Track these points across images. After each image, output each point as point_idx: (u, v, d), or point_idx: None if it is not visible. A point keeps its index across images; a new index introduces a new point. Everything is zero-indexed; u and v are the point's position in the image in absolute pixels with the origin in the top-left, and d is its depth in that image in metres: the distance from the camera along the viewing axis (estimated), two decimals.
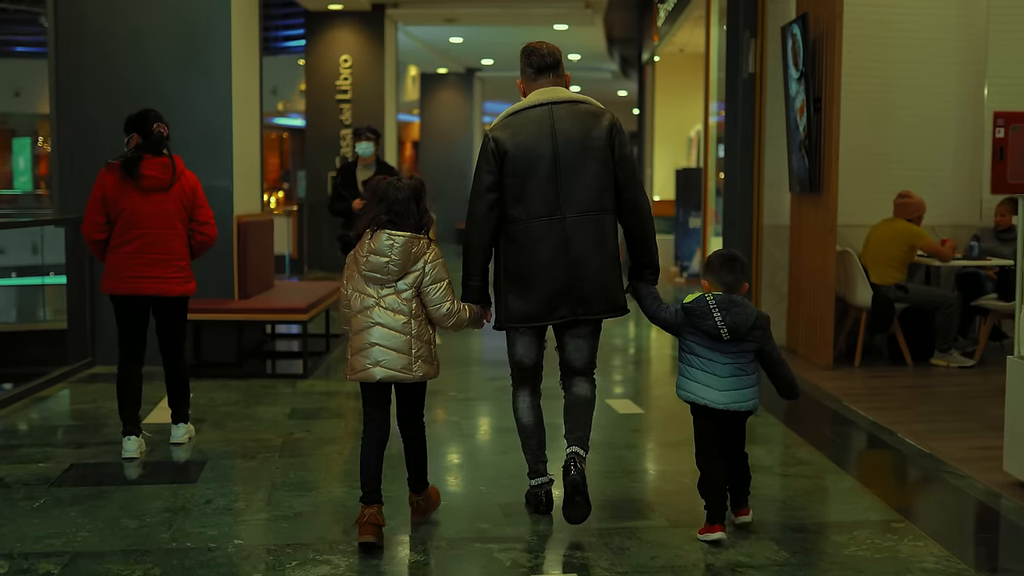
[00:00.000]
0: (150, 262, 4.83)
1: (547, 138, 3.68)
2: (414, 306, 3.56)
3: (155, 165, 4.88)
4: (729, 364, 3.67)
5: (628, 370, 7.39)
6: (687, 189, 13.77)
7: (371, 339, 3.53)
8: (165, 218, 4.87)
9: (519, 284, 3.71)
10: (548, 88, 3.79)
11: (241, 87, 7.29)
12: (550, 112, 3.71)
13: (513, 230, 3.71)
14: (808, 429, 5.47)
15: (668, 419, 5.68)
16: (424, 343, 3.58)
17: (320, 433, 5.25)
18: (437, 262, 3.59)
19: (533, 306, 3.70)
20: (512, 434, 4.89)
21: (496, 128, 3.75)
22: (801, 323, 7.56)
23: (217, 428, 5.36)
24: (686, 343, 3.74)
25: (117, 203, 4.81)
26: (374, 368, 3.54)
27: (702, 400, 3.69)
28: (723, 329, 3.61)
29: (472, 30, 16.46)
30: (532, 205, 3.68)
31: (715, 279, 3.72)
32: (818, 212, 7.21)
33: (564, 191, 3.67)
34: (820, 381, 6.67)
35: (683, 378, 3.76)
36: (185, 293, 4.98)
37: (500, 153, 3.68)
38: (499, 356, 7.49)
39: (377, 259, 3.53)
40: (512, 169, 3.68)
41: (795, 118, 7.35)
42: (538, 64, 3.81)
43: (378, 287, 3.56)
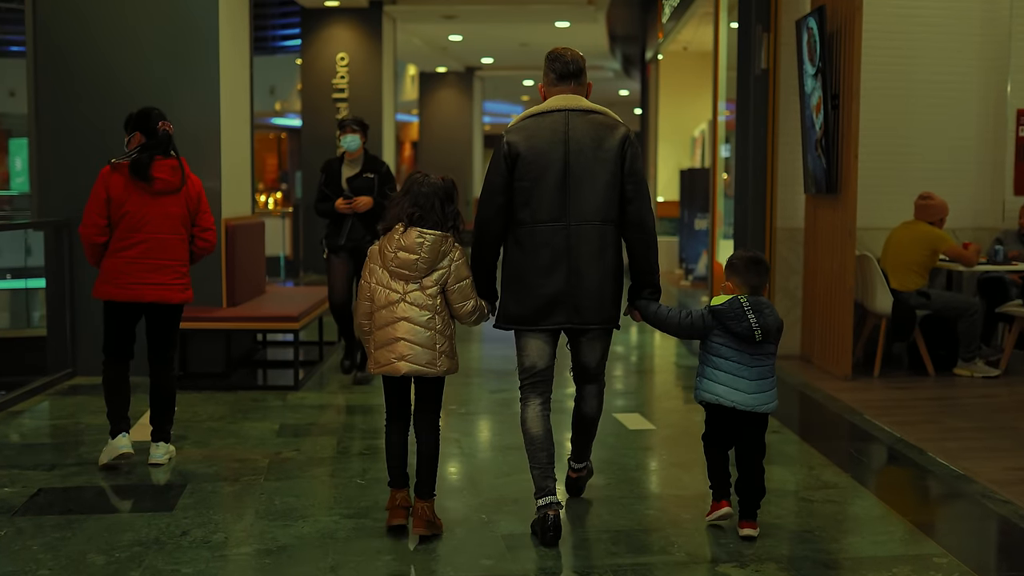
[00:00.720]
0: (152, 268, 4.61)
1: (560, 144, 3.70)
2: (438, 302, 3.63)
3: (165, 167, 4.64)
4: (757, 366, 3.69)
5: (633, 380, 7.05)
6: (692, 190, 13.44)
7: (397, 334, 3.59)
8: (171, 222, 4.66)
9: (518, 287, 3.74)
10: (567, 95, 3.80)
11: (230, 85, 6.94)
12: (566, 119, 3.73)
13: (519, 233, 3.74)
14: (830, 447, 5.13)
15: (681, 435, 5.34)
16: (447, 338, 3.65)
17: (309, 452, 4.91)
18: (460, 261, 3.66)
19: (529, 310, 3.72)
20: (515, 453, 4.69)
21: (511, 130, 3.77)
22: (817, 331, 7.22)
23: (200, 446, 5.01)
24: (712, 345, 3.72)
25: (123, 205, 4.57)
26: (399, 362, 3.59)
27: (729, 402, 3.67)
28: (757, 331, 3.63)
29: (471, 27, 16.11)
30: (539, 210, 3.69)
31: (742, 281, 3.73)
32: (835, 214, 6.87)
33: (571, 199, 3.69)
34: (838, 392, 6.33)
35: (707, 380, 3.73)
36: (185, 300, 4.77)
37: (512, 155, 3.70)
38: (500, 366, 7.32)
39: (407, 256, 3.59)
40: (523, 172, 3.70)
41: (811, 116, 7.01)
42: (560, 71, 3.83)
43: (404, 282, 3.61)
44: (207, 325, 6.39)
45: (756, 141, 7.62)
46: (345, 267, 6.45)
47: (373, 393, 6.30)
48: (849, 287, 6.68)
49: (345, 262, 6.45)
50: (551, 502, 3.66)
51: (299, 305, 6.74)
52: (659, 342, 8.84)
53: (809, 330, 7.38)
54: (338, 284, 6.47)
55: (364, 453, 4.93)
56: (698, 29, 13.55)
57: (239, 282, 6.86)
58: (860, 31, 6.48)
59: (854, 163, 6.58)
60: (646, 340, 8.85)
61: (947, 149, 7.53)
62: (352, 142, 6.44)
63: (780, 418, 5.70)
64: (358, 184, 6.39)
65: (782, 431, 5.35)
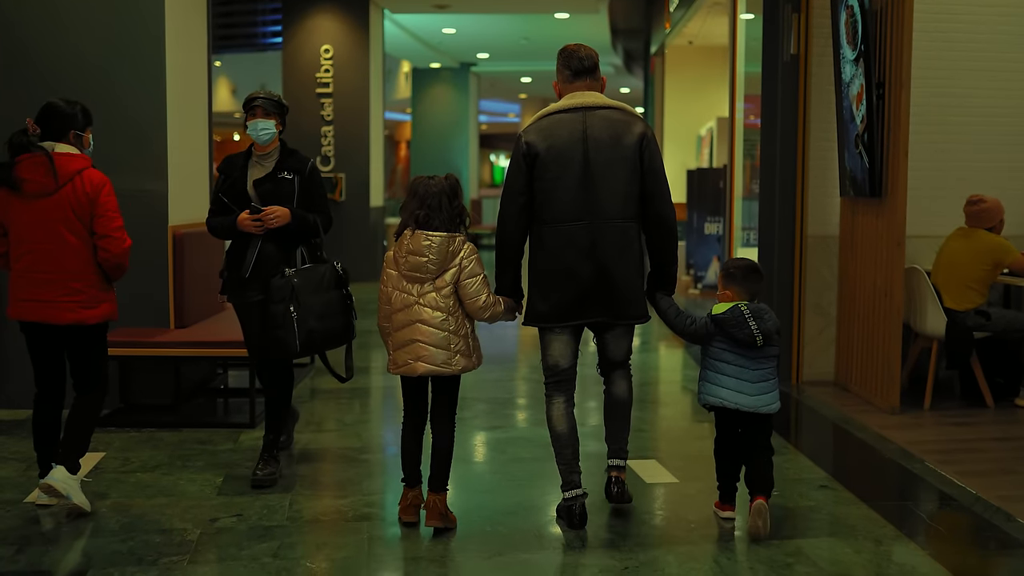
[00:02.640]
0: (38, 282, 3.99)
1: (579, 143, 3.72)
2: (452, 303, 3.70)
3: (33, 166, 3.95)
4: (759, 369, 3.80)
5: (642, 413, 6.11)
6: (701, 191, 12.51)
7: (413, 336, 3.69)
8: (52, 230, 3.97)
9: (544, 285, 3.79)
10: (583, 92, 3.82)
11: (181, 78, 6.01)
12: (583, 117, 3.76)
13: (542, 232, 3.79)
14: (895, 510, 4.18)
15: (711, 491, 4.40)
16: (462, 338, 3.72)
17: (254, 518, 3.97)
18: (472, 258, 3.71)
19: (557, 308, 3.78)
20: (523, 464, 4.77)
21: (529, 130, 3.79)
22: (856, 355, 6.29)
23: (119, 510, 4.07)
24: (714, 351, 3.85)
25: (7, 213, 4.01)
26: (416, 363, 3.71)
27: (732, 404, 3.79)
28: (758, 336, 3.75)
29: (465, 20, 15.18)
30: (560, 208, 3.74)
31: (742, 289, 3.87)
32: (880, 221, 5.94)
33: (592, 196, 3.72)
34: (887, 430, 5.40)
35: (711, 384, 3.85)
36: (81, 321, 4.01)
37: (531, 156, 3.74)
38: (494, 394, 6.38)
39: (416, 259, 3.68)
40: (543, 172, 3.73)
41: (850, 107, 6.08)
42: (576, 67, 3.85)
43: (418, 285, 3.71)
44: (147, 352, 5.46)
45: (784, 137, 6.69)
46: (257, 312, 4.50)
47: (339, 434, 5.37)
48: (897, 306, 5.75)
49: (257, 306, 4.50)
50: (577, 494, 3.82)
51: None
52: (664, 362, 7.92)
53: (846, 354, 6.46)
54: (253, 335, 4.59)
55: (322, 519, 4.00)
56: (706, 21, 12.65)
57: (190, 299, 5.93)
58: (912, 6, 5.56)
59: (903, 161, 5.65)
60: (650, 360, 7.93)
61: (1002, 146, 6.61)
62: (263, 131, 4.51)
63: (828, 467, 4.78)
64: (269, 189, 4.48)
65: (832, 486, 4.42)
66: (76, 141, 4.10)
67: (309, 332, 4.32)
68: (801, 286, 6.69)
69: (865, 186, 5.97)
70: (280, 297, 4.29)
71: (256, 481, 4.38)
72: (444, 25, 15.63)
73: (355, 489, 4.41)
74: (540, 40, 17.21)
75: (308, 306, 4.32)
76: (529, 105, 28.70)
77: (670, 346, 8.45)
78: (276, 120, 4.56)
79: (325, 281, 4.42)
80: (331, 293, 4.44)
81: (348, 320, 4.49)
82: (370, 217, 13.32)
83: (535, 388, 6.60)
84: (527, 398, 6.40)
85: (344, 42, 13.17)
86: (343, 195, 13.22)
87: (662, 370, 7.68)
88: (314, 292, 4.37)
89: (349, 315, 4.49)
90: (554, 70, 3.97)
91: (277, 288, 4.29)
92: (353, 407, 5.98)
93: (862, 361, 6.20)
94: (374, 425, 5.70)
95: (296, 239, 4.54)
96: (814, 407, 6.07)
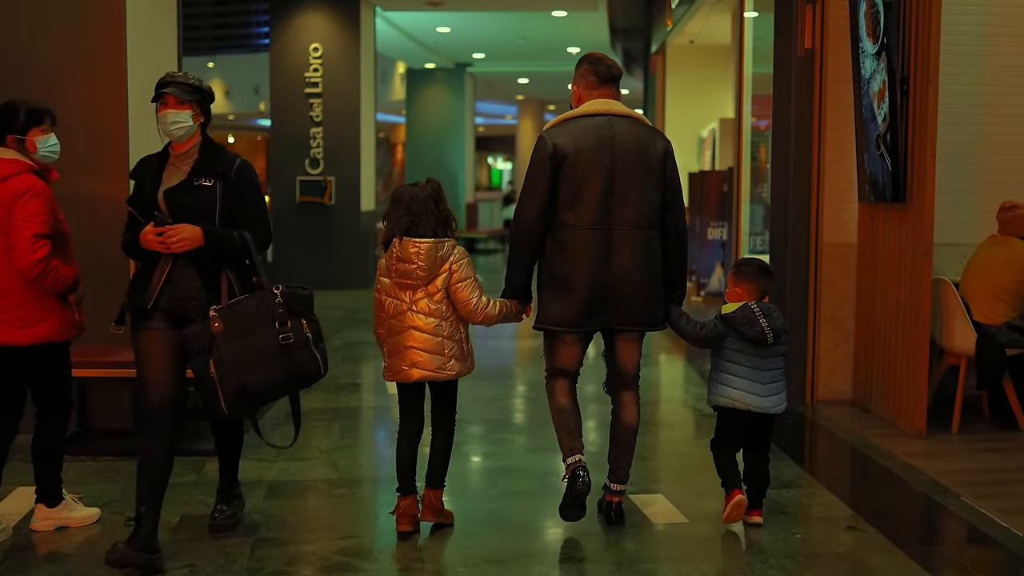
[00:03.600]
0: None
1: (607, 149, 3.72)
2: (444, 308, 3.68)
3: None
4: (770, 369, 3.84)
5: (644, 437, 5.64)
6: (704, 195, 12.05)
7: (407, 342, 3.65)
8: None
9: (560, 289, 3.76)
10: (608, 100, 3.82)
11: (145, 64, 5.54)
12: (610, 124, 3.75)
13: (562, 236, 3.75)
14: (934, 557, 3.72)
15: (726, 535, 3.93)
16: (456, 343, 3.69)
17: (209, 570, 3.49)
18: (462, 261, 3.67)
19: (571, 312, 3.74)
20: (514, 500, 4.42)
21: (555, 133, 3.77)
22: (876, 373, 5.82)
23: (56, 560, 3.60)
24: (726, 352, 3.85)
25: None
26: (411, 369, 3.67)
27: (744, 405, 3.81)
28: (769, 333, 3.77)
29: (460, 18, 14.72)
30: (583, 213, 3.72)
31: (754, 287, 3.89)
32: (904, 228, 5.48)
33: (616, 204, 3.72)
34: (915, 458, 4.93)
35: (722, 385, 3.86)
36: (10, 343, 3.64)
37: (559, 158, 3.71)
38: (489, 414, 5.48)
39: (405, 266, 3.64)
40: (568, 175, 3.71)
41: (870, 105, 5.62)
42: (604, 74, 3.85)
43: (410, 291, 3.68)
44: (105, 372, 4.98)
45: (798, 138, 6.22)
46: (164, 343, 3.55)
47: (315, 463, 4.89)
48: (924, 321, 5.28)
49: (165, 335, 3.55)
50: (579, 460, 3.76)
51: None
52: (666, 377, 7.46)
53: (865, 371, 5.99)
54: (155, 373, 3.55)
55: (287, 571, 3.52)
56: (708, 19, 12.19)
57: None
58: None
59: (931, 163, 5.19)
60: (650, 374, 7.46)
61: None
62: (174, 125, 3.60)
63: (852, 502, 4.31)
64: (183, 201, 3.58)
65: (861, 527, 3.95)
66: (17, 145, 3.69)
67: (240, 390, 3.41)
68: (816, 298, 6.22)
69: (887, 190, 5.51)
70: (198, 348, 3.49)
71: (214, 526, 3.86)
72: (438, 24, 15.17)
73: (328, 531, 3.94)
74: (538, 40, 16.75)
75: (235, 355, 3.39)
76: (526, 107, 28.22)
77: (672, 359, 7.99)
78: (193, 109, 3.61)
79: (259, 316, 3.44)
80: (267, 331, 3.44)
81: (294, 363, 3.47)
82: (361, 221, 12.85)
83: (533, 408, 6.13)
84: (524, 419, 5.93)
85: (334, 41, 12.71)
86: (332, 199, 12.76)
87: (664, 386, 7.22)
88: (244, 334, 3.41)
89: (293, 357, 3.46)
90: (552, 72, 4.31)
91: (192, 337, 3.53)
92: (332, 430, 5.50)
93: (884, 380, 5.73)
94: (355, 452, 5.21)
95: (221, 261, 3.59)
96: (832, 430, 5.60)
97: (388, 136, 32.22)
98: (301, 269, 12.80)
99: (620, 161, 3.70)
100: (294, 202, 12.78)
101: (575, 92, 3.89)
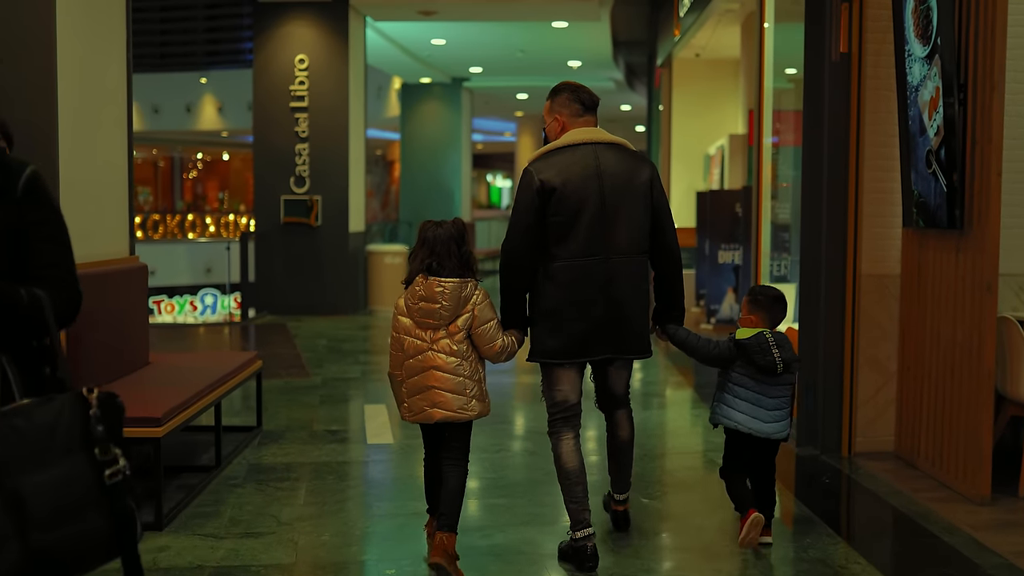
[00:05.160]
0: None
1: (593, 179, 3.73)
2: (465, 347, 3.66)
3: None
4: (775, 397, 3.92)
5: (662, 510, 4.87)
6: (715, 216, 11.31)
7: (428, 382, 3.64)
8: None
9: (556, 321, 3.75)
10: (591, 128, 3.85)
11: (76, 74, 4.82)
12: (595, 152, 3.77)
13: (554, 268, 3.75)
14: None
15: None
16: (476, 382, 3.69)
17: None
18: (484, 303, 3.69)
19: (571, 343, 3.74)
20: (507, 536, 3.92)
21: (540, 167, 3.75)
22: (926, 423, 5.06)
23: None
24: (734, 375, 3.93)
25: None
26: (432, 409, 3.65)
27: (747, 429, 3.91)
28: (780, 364, 3.84)
29: (455, 29, 14.02)
30: (576, 244, 3.71)
31: (768, 316, 4.00)
32: (961, 258, 4.73)
33: (608, 232, 3.73)
34: (983, 532, 4.16)
35: (726, 407, 3.95)
36: None
37: (547, 191, 3.70)
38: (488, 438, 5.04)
39: (429, 306, 3.62)
40: (558, 208, 3.70)
41: (919, 116, 4.88)
42: (588, 102, 3.88)
43: (431, 331, 3.65)
44: None
45: (832, 153, 5.48)
46: None
47: (269, 540, 4.11)
48: (988, 367, 4.52)
49: None
50: (589, 534, 3.74)
51: (176, 392, 4.59)
52: (673, 425, 6.69)
53: (912, 420, 5.23)
54: None
55: None
56: (715, 31, 11.52)
57: (94, 356, 4.71)
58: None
59: (996, 183, 4.45)
60: (654, 420, 6.69)
61: None
62: None
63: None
64: None
65: None
66: None
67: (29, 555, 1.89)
68: (854, 335, 5.46)
69: (941, 214, 4.76)
70: None
71: None
72: (433, 36, 14.47)
73: None
74: (537, 53, 16.06)
75: (23, 498, 1.91)
76: (526, 123, 27.53)
77: (678, 402, 7.23)
78: None
79: (60, 436, 2.00)
80: (77, 459, 2.00)
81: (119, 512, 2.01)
82: (349, 244, 12.11)
83: (531, 464, 5.36)
84: (521, 477, 5.13)
85: (321, 52, 12.00)
86: (319, 219, 12.02)
87: (671, 435, 6.44)
88: (37, 464, 1.95)
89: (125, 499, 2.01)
90: (552, 87, 3.95)
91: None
92: (297, 495, 4.72)
93: (935, 431, 4.97)
94: (319, 525, 4.34)
95: None
96: (877, 491, 4.83)
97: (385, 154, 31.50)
98: (285, 293, 12.06)
99: (608, 190, 3.71)
100: (278, 222, 12.05)
101: (558, 120, 3.84)
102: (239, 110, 22.61)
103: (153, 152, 31.33)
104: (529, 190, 3.69)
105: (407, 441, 5.75)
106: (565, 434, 3.83)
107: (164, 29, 25.99)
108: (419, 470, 4.56)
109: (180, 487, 4.74)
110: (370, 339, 10.21)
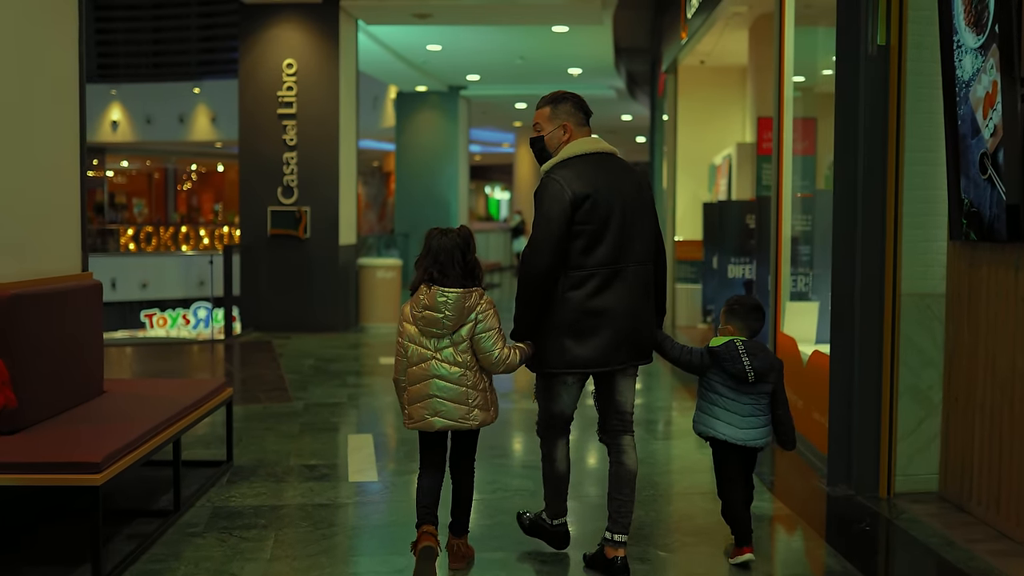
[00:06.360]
0: None
1: (615, 189, 3.73)
2: (469, 357, 3.65)
3: None
4: (750, 404, 3.93)
5: (679, 562, 4.28)
6: (722, 228, 10.74)
7: (430, 391, 3.64)
8: None
9: (581, 330, 3.70)
10: (596, 138, 3.87)
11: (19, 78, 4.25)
12: (607, 162, 3.79)
13: (576, 277, 3.70)
14: None
15: None
16: (479, 392, 3.68)
17: None
18: (488, 312, 3.67)
19: (597, 352, 3.70)
20: None
21: (566, 176, 3.69)
22: (979, 462, 4.47)
23: None
24: (709, 383, 3.96)
25: None
26: (433, 418, 3.65)
27: (722, 436, 3.93)
28: (750, 372, 3.86)
29: (452, 34, 13.47)
30: (601, 253, 3.69)
31: (744, 325, 4.00)
32: (1021, 276, 4.15)
33: (626, 241, 3.73)
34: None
35: (704, 415, 3.99)
36: None
37: (578, 201, 3.64)
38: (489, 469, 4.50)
39: (432, 315, 3.62)
40: (588, 217, 3.66)
41: (970, 115, 4.31)
42: (587, 111, 3.89)
43: (435, 340, 3.64)
44: None
45: (869, 158, 4.91)
46: None
47: None
48: None
49: None
50: (566, 521, 4.00)
51: (126, 429, 4.00)
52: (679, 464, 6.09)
53: (960, 458, 4.64)
54: None
55: None
56: (722, 35, 10.97)
57: (38, 386, 4.12)
58: None
59: None
60: (659, 451, 6.09)
61: None
62: None
63: None
64: None
65: None
66: None
67: None
68: (893, 362, 4.88)
69: (998, 225, 4.18)
70: None
71: None
72: (428, 41, 13.93)
73: None
74: (536, 60, 15.51)
75: None
76: (524, 135, 26.98)
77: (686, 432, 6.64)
78: None
79: None
80: None
81: None
82: (339, 257, 11.52)
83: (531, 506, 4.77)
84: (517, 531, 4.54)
85: (310, 57, 11.45)
86: (308, 231, 11.45)
87: (676, 472, 5.85)
88: None
89: None
90: None
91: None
92: (264, 547, 4.11)
93: (990, 471, 4.39)
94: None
95: None
96: (924, 541, 4.24)
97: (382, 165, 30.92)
98: (272, 309, 11.48)
99: (627, 199, 3.73)
100: (265, 235, 11.47)
101: (565, 128, 3.80)
102: (233, 120, 22.11)
103: (147, 163, 30.81)
104: (561, 201, 3.62)
105: (393, 478, 5.16)
106: (560, 441, 3.91)
107: (157, 39, 25.55)
108: (405, 515, 3.95)
109: (131, 536, 4.14)
110: (360, 359, 9.60)
